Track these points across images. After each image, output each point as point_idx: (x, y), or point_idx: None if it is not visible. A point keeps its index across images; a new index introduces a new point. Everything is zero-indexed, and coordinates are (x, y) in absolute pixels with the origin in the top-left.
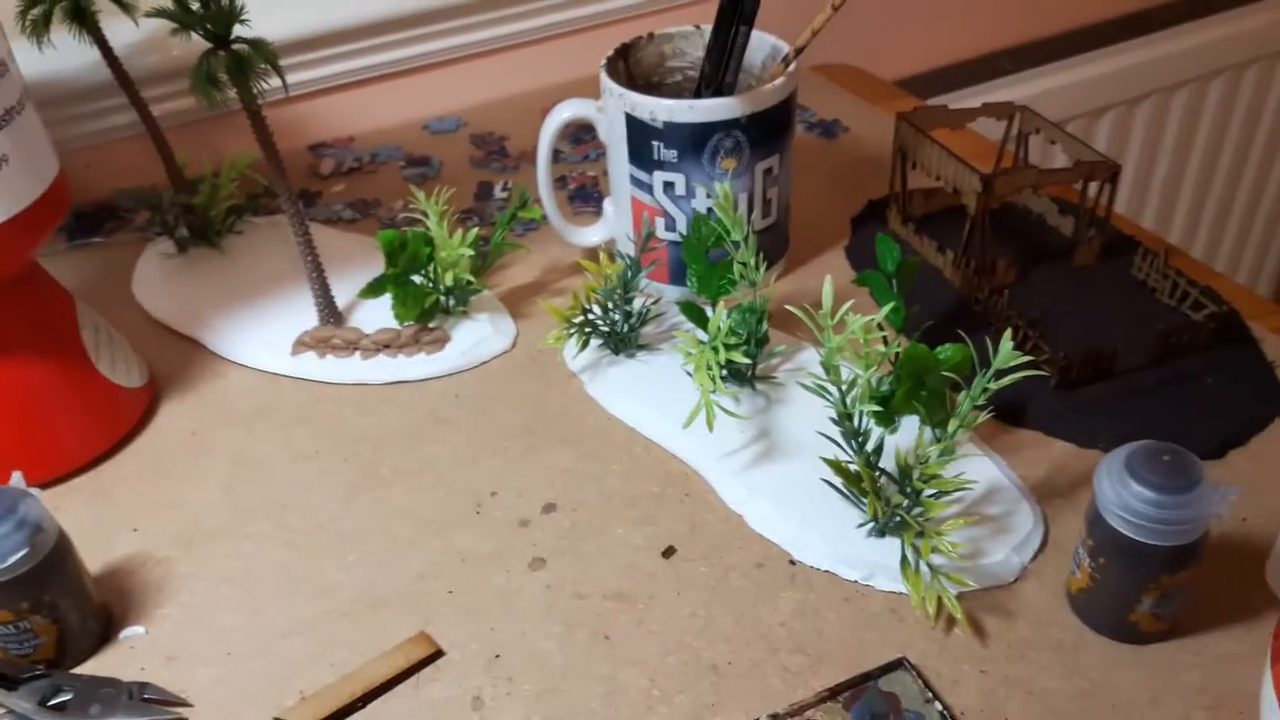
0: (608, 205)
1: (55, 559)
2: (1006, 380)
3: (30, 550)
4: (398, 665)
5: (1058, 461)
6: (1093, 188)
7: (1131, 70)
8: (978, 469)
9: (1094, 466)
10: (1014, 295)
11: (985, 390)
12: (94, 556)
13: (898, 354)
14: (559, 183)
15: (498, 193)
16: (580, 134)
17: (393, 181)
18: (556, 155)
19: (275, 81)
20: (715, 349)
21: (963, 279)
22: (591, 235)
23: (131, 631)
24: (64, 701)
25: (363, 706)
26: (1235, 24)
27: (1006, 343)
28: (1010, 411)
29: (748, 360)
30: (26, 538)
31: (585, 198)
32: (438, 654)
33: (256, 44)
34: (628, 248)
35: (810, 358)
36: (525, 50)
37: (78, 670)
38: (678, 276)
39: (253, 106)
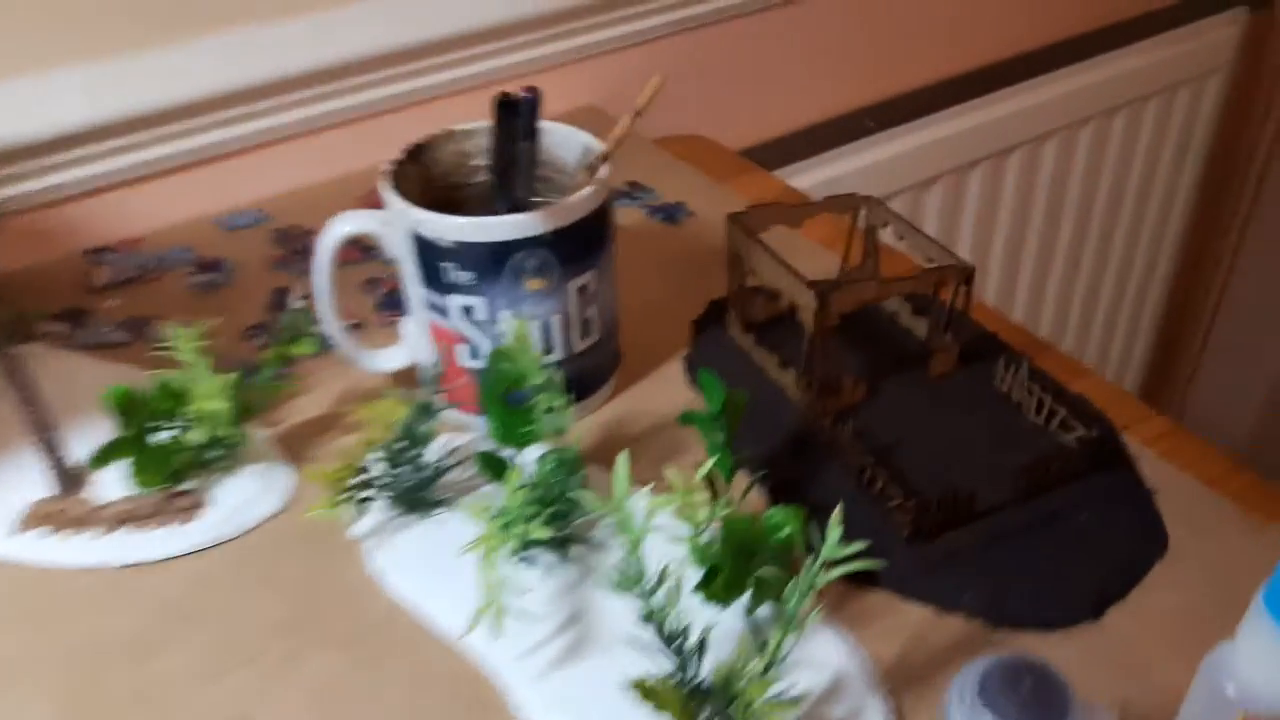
0: (407, 326)
1: None
2: (838, 572)
3: None
4: None
5: (916, 631)
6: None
7: (1001, 121)
8: (822, 654)
9: (958, 636)
10: (863, 417)
11: (811, 587)
12: None
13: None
14: (369, 285)
15: (292, 302)
16: None
17: (176, 292)
18: (367, 251)
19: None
20: (508, 526)
21: (805, 403)
22: (390, 360)
23: None
24: None
25: None
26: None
27: (834, 529)
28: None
29: (551, 532)
30: None
31: (398, 304)
32: None
33: None
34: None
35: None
36: (338, 131)
37: None
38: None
39: None
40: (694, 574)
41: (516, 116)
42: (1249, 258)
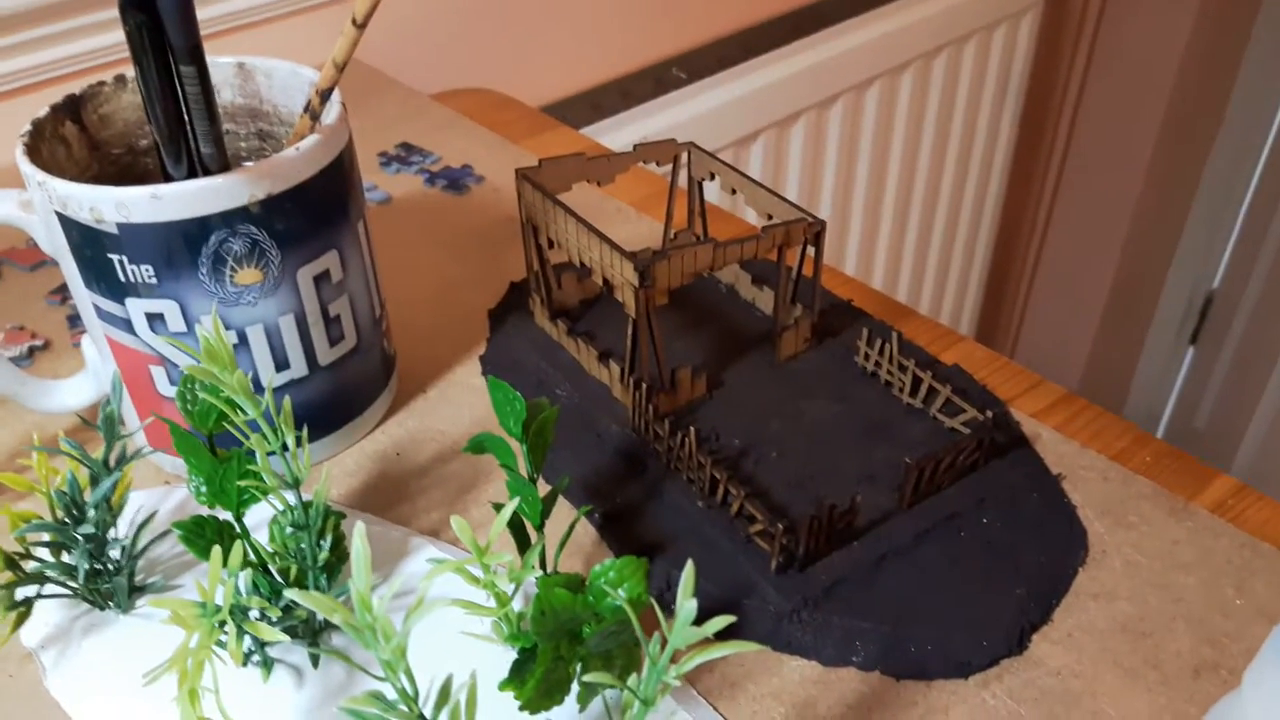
0: (87, 347)
1: None
2: (694, 662)
3: None
4: None
5: (798, 697)
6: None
7: (822, 68)
8: None
9: (855, 691)
10: (707, 418)
11: (665, 683)
12: None
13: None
14: (63, 292)
15: None
16: None
17: None
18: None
19: None
20: (219, 624)
21: (633, 407)
22: (71, 395)
23: None
24: None
25: None
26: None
27: (685, 603)
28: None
29: (284, 627)
30: None
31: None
32: None
33: None
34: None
35: (424, 570)
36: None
37: None
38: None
39: None
40: (500, 666)
41: (159, 28)
42: (1069, 190)
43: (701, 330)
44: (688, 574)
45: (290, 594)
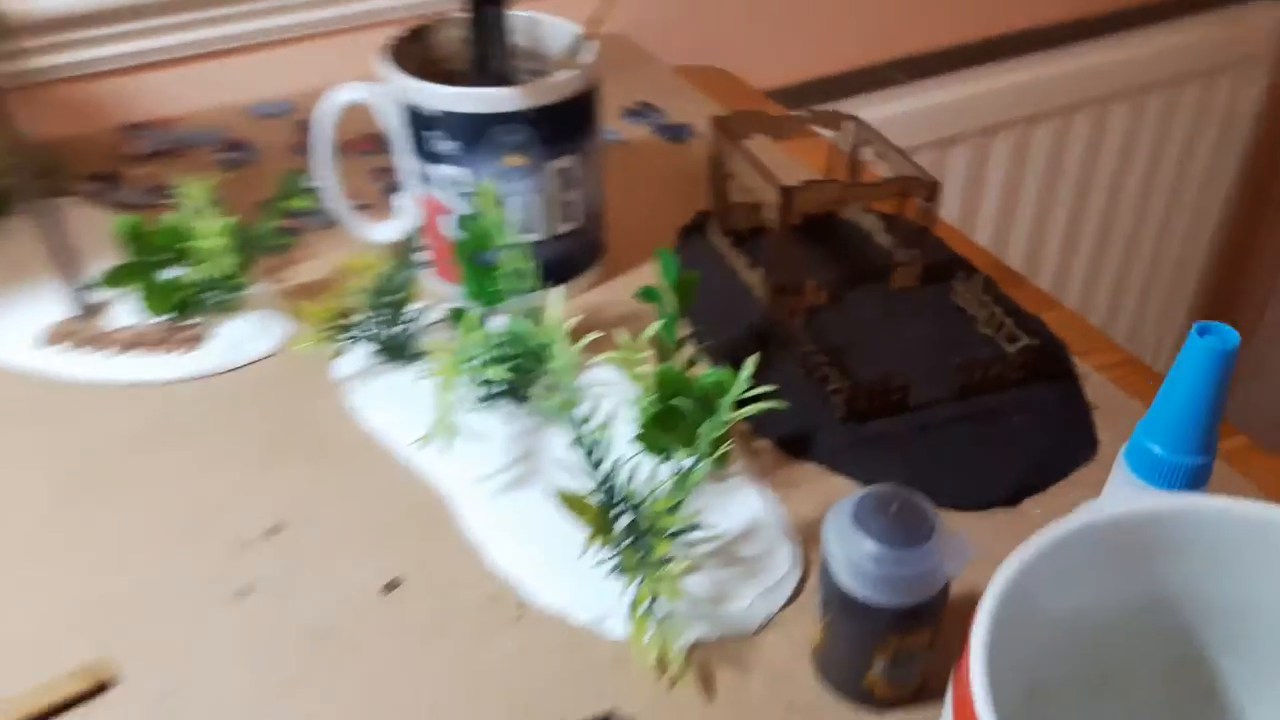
0: (400, 200)
1: None
2: (744, 412)
3: None
4: (59, 696)
5: (836, 499)
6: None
7: (1030, 86)
8: (740, 502)
9: None
10: (824, 319)
11: (725, 422)
12: None
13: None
14: (378, 174)
15: (304, 182)
16: None
17: (202, 166)
18: (382, 145)
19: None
20: (467, 358)
21: (766, 298)
22: (385, 231)
23: None
24: None
25: None
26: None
27: (746, 368)
28: (794, 443)
29: (507, 376)
30: None
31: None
32: (105, 685)
33: None
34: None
35: (604, 375)
36: (365, 33)
37: None
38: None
39: None
40: (631, 422)
41: None
42: None
43: (837, 261)
44: (752, 359)
45: (523, 324)
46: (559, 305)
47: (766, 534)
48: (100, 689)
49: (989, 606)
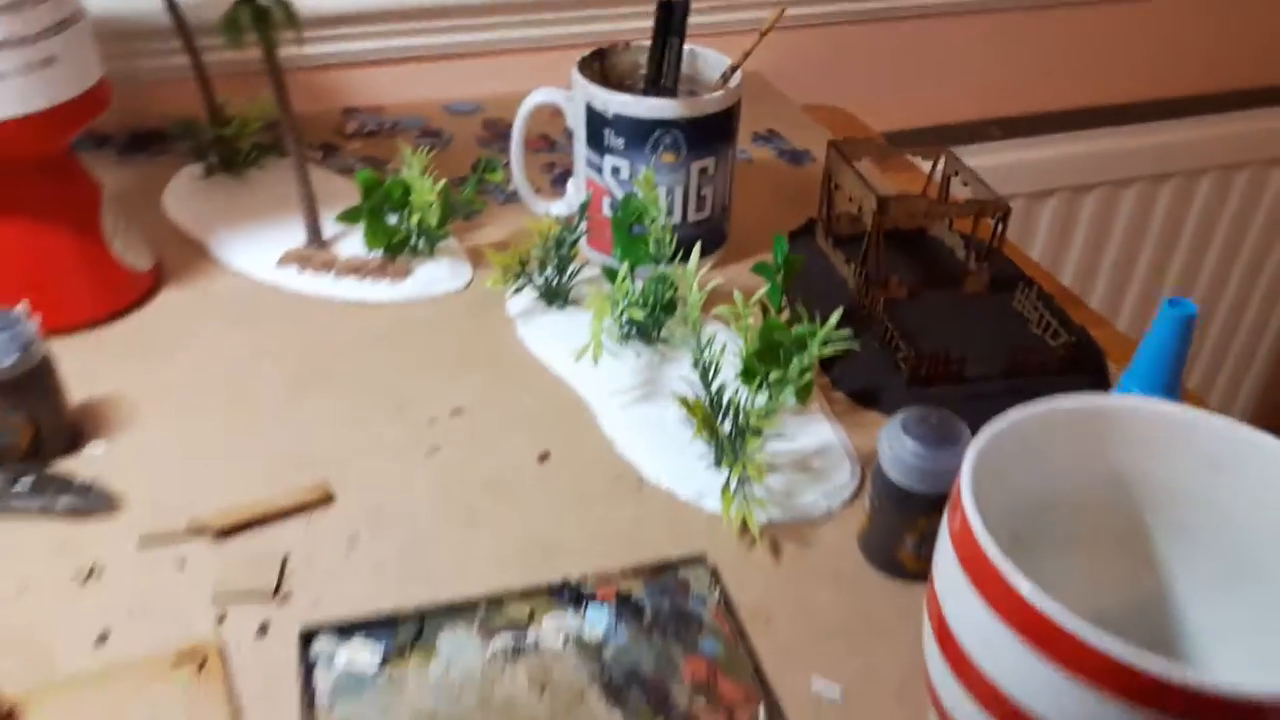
0: (570, 184)
1: (38, 374)
2: (827, 349)
3: (18, 361)
4: (296, 500)
5: None
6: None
7: (1113, 155)
8: (817, 430)
9: None
10: (901, 308)
11: (811, 355)
12: (78, 390)
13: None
14: (549, 167)
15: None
16: None
17: (406, 146)
18: (552, 145)
19: (304, 44)
20: (615, 302)
21: (857, 287)
22: (554, 207)
23: (94, 447)
24: (32, 483)
25: (263, 525)
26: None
27: (833, 318)
28: (865, 397)
29: (646, 319)
30: (18, 350)
31: (565, 181)
32: (329, 499)
33: (280, 2)
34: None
35: (714, 331)
36: (545, 54)
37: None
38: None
39: (270, 52)
40: (737, 358)
41: (671, 16)
42: None
43: (919, 266)
44: (838, 311)
45: (669, 269)
46: (695, 261)
47: (834, 454)
48: (325, 500)
49: (970, 456)
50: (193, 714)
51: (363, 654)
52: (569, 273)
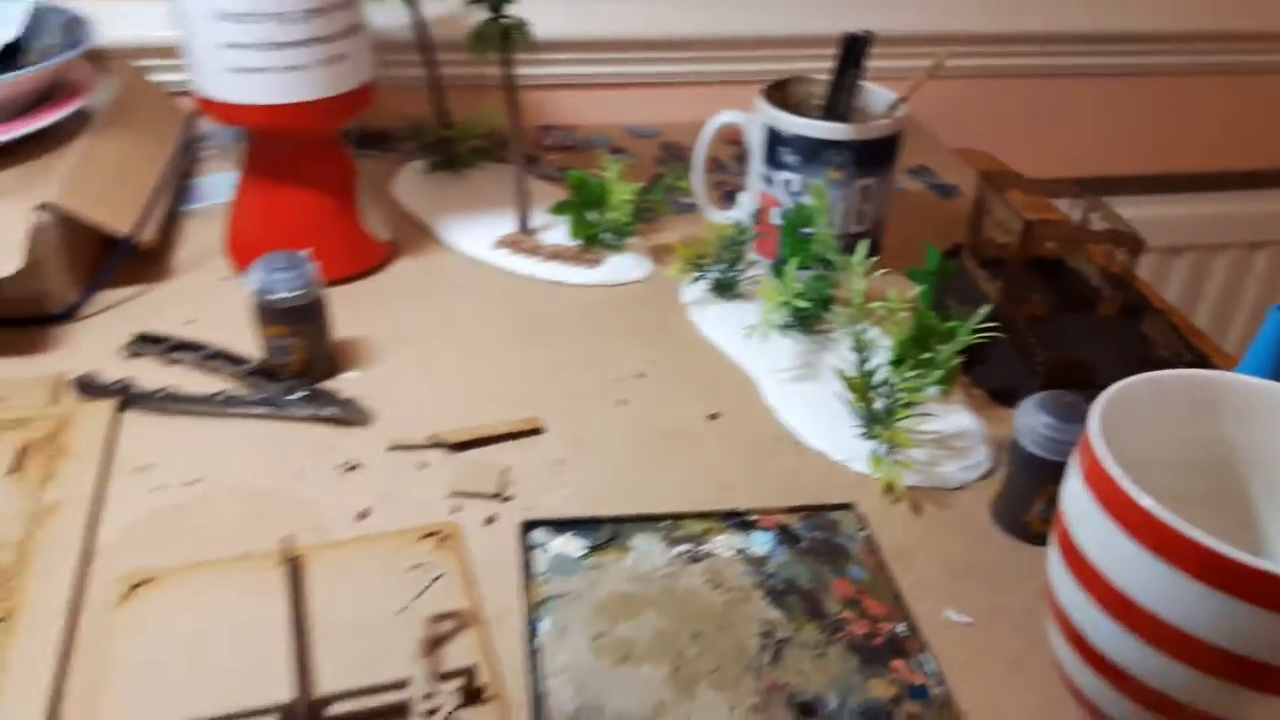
0: (742, 196)
1: (315, 306)
2: (973, 338)
3: (303, 294)
4: (514, 427)
5: None
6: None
7: (1246, 217)
8: (957, 417)
9: None
10: (1037, 323)
11: (960, 342)
12: (337, 326)
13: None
14: (717, 185)
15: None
16: (745, 154)
17: (595, 160)
18: (721, 167)
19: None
20: (781, 292)
21: (998, 302)
22: (726, 216)
23: (350, 373)
24: (304, 395)
25: (487, 444)
26: None
27: (981, 311)
28: (1001, 394)
29: (809, 307)
30: (303, 285)
31: (733, 197)
32: (540, 430)
33: (520, 22)
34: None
35: (865, 326)
36: (723, 87)
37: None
38: (780, 257)
39: (507, 65)
40: (888, 348)
41: (855, 49)
42: None
43: (1058, 290)
44: (982, 310)
45: (837, 257)
46: (862, 253)
47: (971, 437)
48: (536, 430)
49: (1099, 403)
50: (437, 572)
51: (571, 545)
52: (739, 269)
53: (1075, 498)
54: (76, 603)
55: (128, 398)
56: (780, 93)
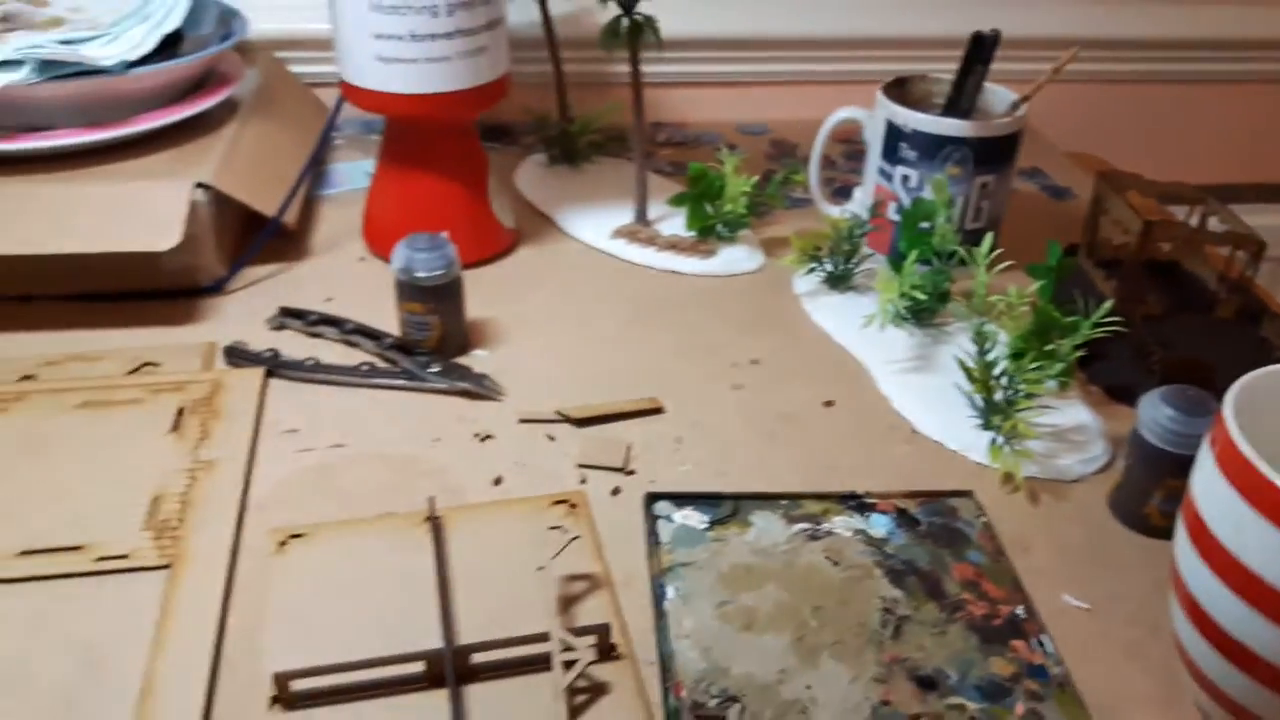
0: (857, 191)
1: (453, 286)
2: (1096, 332)
3: (444, 273)
4: (636, 406)
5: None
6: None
7: None
8: (1074, 412)
9: None
10: (1154, 323)
11: (1083, 335)
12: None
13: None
14: (828, 181)
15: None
16: (854, 152)
17: (706, 155)
18: (832, 164)
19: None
20: (899, 282)
21: (1116, 301)
22: (839, 211)
23: (480, 352)
24: (440, 369)
25: (610, 421)
26: None
27: (1105, 305)
28: (1119, 392)
29: (925, 298)
30: (444, 266)
31: (846, 194)
32: (660, 409)
33: (649, 19)
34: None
35: (984, 321)
36: (831, 87)
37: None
38: (894, 250)
39: (635, 60)
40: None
41: (982, 48)
42: None
43: (1175, 290)
44: (1107, 305)
45: (963, 247)
46: (987, 244)
47: (1089, 431)
48: (657, 410)
49: (1234, 389)
50: (572, 534)
51: (693, 518)
52: (853, 262)
53: (1207, 482)
54: (235, 552)
55: (275, 366)
56: (900, 89)
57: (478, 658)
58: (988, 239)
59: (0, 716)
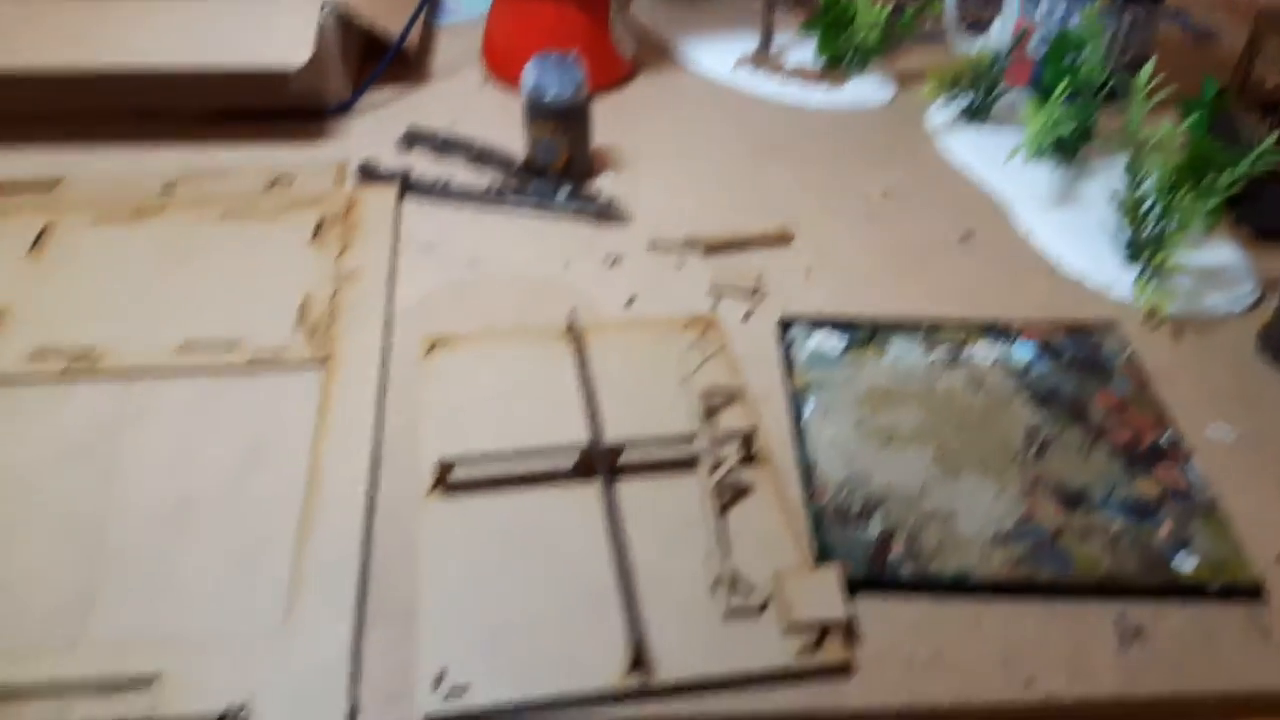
0: (996, 24)
1: (581, 110)
2: (1254, 169)
3: (573, 95)
4: (767, 233)
5: None
6: None
7: None
8: (1222, 251)
9: None
10: None
11: (1246, 168)
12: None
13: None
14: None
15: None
16: None
17: None
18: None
19: None
20: (1046, 116)
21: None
22: (974, 45)
23: (604, 178)
24: (569, 192)
25: (738, 249)
26: None
27: (1271, 137)
28: (1269, 233)
29: (1072, 134)
30: (573, 88)
31: (979, 28)
32: (789, 238)
33: None
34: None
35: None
36: None
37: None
38: (1035, 85)
39: None
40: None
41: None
42: None
43: None
44: (1270, 138)
45: (1119, 78)
46: (1147, 70)
47: (1237, 270)
48: (786, 239)
49: None
50: (703, 356)
51: (828, 342)
52: (993, 95)
53: None
54: (386, 354)
55: (407, 184)
56: None
57: (629, 455)
58: (1147, 66)
59: (178, 498)
